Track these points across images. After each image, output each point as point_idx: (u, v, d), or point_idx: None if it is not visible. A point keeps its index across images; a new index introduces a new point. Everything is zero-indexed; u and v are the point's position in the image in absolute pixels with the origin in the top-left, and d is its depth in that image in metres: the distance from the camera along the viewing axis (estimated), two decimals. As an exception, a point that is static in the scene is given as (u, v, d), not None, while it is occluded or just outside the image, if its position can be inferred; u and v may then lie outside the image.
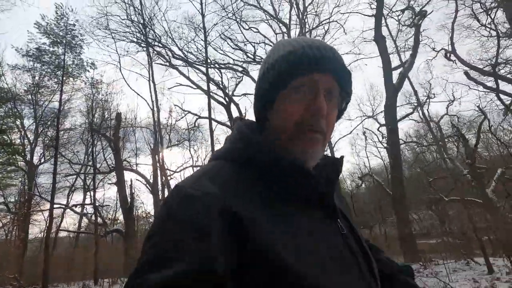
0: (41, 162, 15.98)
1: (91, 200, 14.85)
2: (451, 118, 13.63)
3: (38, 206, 14.68)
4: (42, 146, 15.65)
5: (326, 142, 0.59)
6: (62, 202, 17.00)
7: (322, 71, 0.55)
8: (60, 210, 15.37)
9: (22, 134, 15.43)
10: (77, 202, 17.04)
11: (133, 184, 12.92)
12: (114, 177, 13.57)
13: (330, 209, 0.57)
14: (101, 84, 15.04)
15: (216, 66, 13.93)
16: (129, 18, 12.56)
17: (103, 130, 13.69)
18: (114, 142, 12.67)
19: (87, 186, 17.51)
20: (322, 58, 0.55)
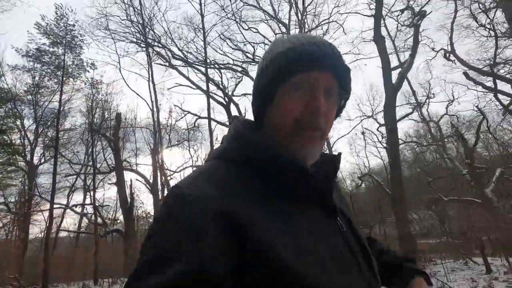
0: (41, 162, 16.04)
1: (91, 200, 14.88)
2: (451, 118, 13.64)
3: (38, 206, 14.71)
4: (42, 146, 15.69)
5: (325, 139, 0.59)
6: (62, 202, 17.05)
7: (322, 69, 0.55)
8: (60, 210, 15.42)
9: (22, 134, 15.48)
10: (77, 202, 17.08)
11: (133, 184, 12.94)
12: (114, 177, 13.57)
13: (330, 207, 0.57)
14: (101, 84, 15.09)
15: (215, 66, 13.94)
16: (128, 19, 12.57)
17: (103, 130, 13.71)
18: (114, 142, 12.68)
19: (87, 186, 17.54)
20: (321, 55, 0.54)
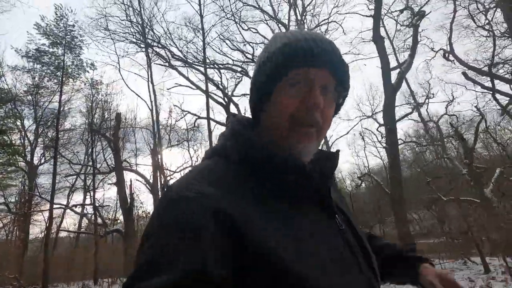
0: (41, 162, 16.09)
1: (91, 200, 14.89)
2: (451, 118, 13.66)
3: (38, 207, 14.74)
4: (42, 147, 15.73)
5: (322, 136, 0.59)
6: (63, 202, 17.07)
7: (318, 65, 0.54)
8: (60, 210, 15.45)
9: (22, 134, 15.53)
10: (77, 202, 17.10)
11: (133, 184, 12.96)
12: (114, 177, 13.60)
13: (327, 205, 0.57)
14: (100, 84, 15.11)
15: (215, 66, 13.96)
16: (128, 19, 12.62)
17: (103, 131, 13.73)
18: (114, 143, 12.70)
19: (87, 186, 17.56)
20: (318, 51, 0.54)
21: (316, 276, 0.44)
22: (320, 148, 0.63)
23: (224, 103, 14.35)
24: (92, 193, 15.29)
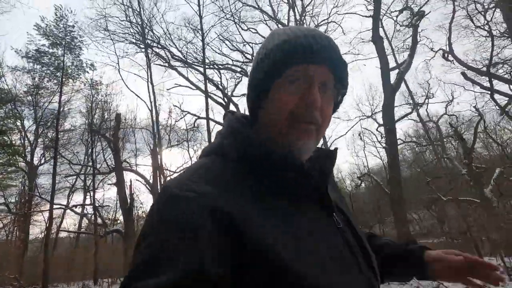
0: (41, 163, 16.12)
1: (91, 200, 14.90)
2: (450, 118, 13.67)
3: (38, 207, 14.76)
4: (42, 147, 15.75)
5: (321, 134, 0.58)
6: (63, 202, 17.08)
7: (317, 62, 0.54)
8: (60, 210, 15.45)
9: (23, 135, 15.54)
10: (77, 202, 17.11)
11: (132, 184, 12.97)
12: (114, 177, 13.61)
13: (330, 207, 0.56)
14: (100, 85, 15.13)
15: (215, 67, 13.98)
16: (128, 20, 12.63)
17: (103, 131, 13.74)
18: (114, 143, 12.71)
19: (87, 186, 17.57)
20: (317, 47, 0.53)
21: (315, 274, 0.44)
22: (318, 146, 0.63)
23: (224, 103, 14.38)
24: (92, 193, 15.31)
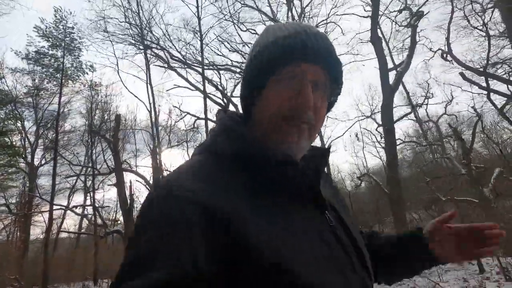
0: (41, 163, 16.18)
1: (91, 201, 14.95)
2: (450, 118, 13.66)
3: (39, 208, 14.81)
4: (43, 148, 15.81)
5: (314, 133, 0.58)
6: (63, 203, 17.11)
7: (311, 61, 0.53)
8: (61, 211, 15.49)
9: (23, 136, 15.61)
10: (77, 203, 17.16)
11: (132, 185, 12.97)
12: (114, 178, 13.64)
13: (320, 202, 0.55)
14: (100, 86, 15.18)
15: (214, 67, 14.01)
16: (127, 21, 12.67)
17: (103, 132, 13.78)
18: (114, 144, 12.73)
19: (87, 187, 17.62)
20: (311, 45, 0.52)
21: (309, 273, 0.44)
22: (312, 145, 0.62)
23: (223, 104, 14.40)
24: (92, 194, 15.36)
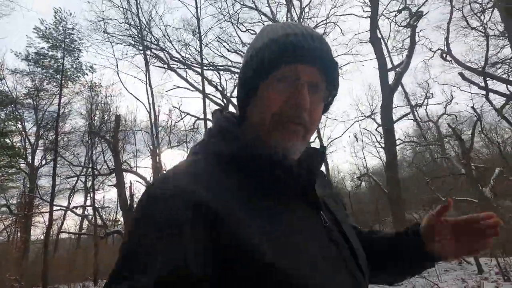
0: (42, 164, 16.20)
1: (91, 202, 14.97)
2: (450, 117, 13.64)
3: (39, 208, 14.83)
4: (43, 149, 15.84)
5: (309, 135, 0.58)
6: (64, 204, 17.13)
7: (307, 62, 0.53)
8: (61, 212, 15.51)
9: (23, 137, 15.64)
10: (77, 203, 17.18)
11: (133, 185, 12.98)
12: (114, 178, 13.65)
13: (312, 201, 0.55)
14: (99, 87, 15.20)
15: (213, 68, 14.03)
16: (126, 22, 12.67)
17: (103, 133, 13.80)
18: (114, 144, 12.74)
19: (88, 188, 17.64)
20: (307, 47, 0.52)
21: (304, 273, 0.44)
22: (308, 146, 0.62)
23: (223, 104, 14.42)
24: (92, 194, 15.38)
